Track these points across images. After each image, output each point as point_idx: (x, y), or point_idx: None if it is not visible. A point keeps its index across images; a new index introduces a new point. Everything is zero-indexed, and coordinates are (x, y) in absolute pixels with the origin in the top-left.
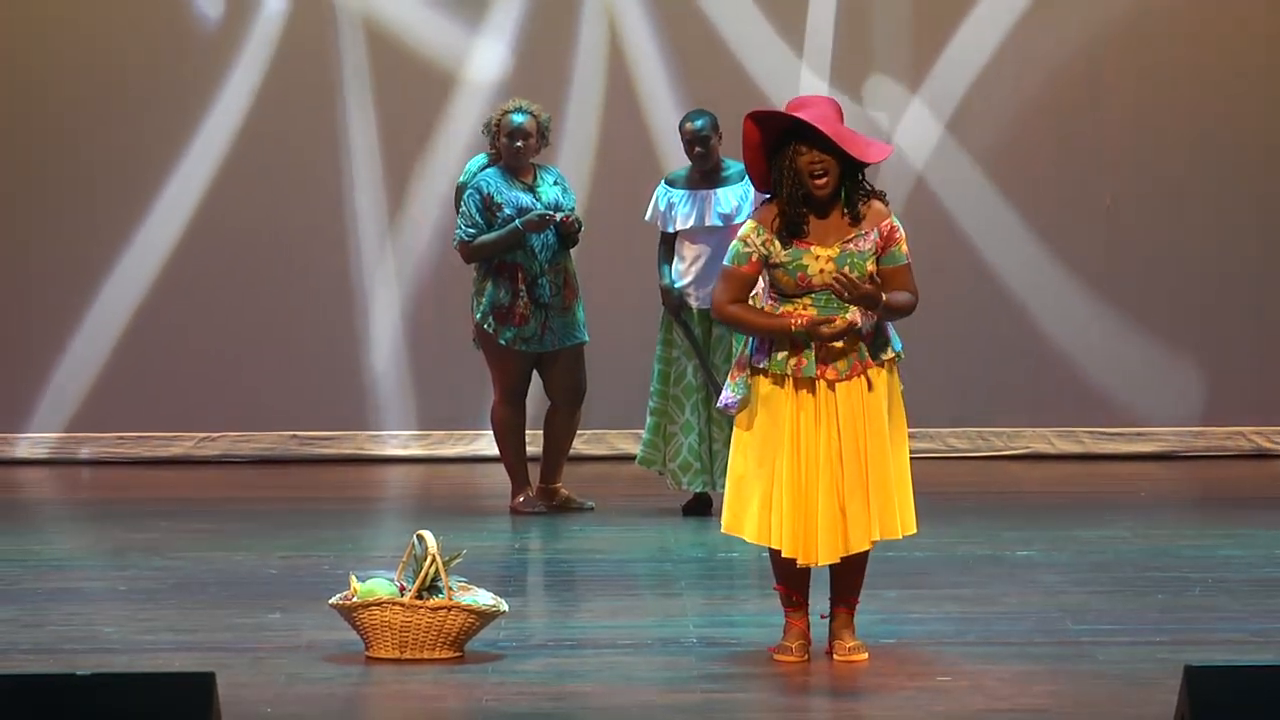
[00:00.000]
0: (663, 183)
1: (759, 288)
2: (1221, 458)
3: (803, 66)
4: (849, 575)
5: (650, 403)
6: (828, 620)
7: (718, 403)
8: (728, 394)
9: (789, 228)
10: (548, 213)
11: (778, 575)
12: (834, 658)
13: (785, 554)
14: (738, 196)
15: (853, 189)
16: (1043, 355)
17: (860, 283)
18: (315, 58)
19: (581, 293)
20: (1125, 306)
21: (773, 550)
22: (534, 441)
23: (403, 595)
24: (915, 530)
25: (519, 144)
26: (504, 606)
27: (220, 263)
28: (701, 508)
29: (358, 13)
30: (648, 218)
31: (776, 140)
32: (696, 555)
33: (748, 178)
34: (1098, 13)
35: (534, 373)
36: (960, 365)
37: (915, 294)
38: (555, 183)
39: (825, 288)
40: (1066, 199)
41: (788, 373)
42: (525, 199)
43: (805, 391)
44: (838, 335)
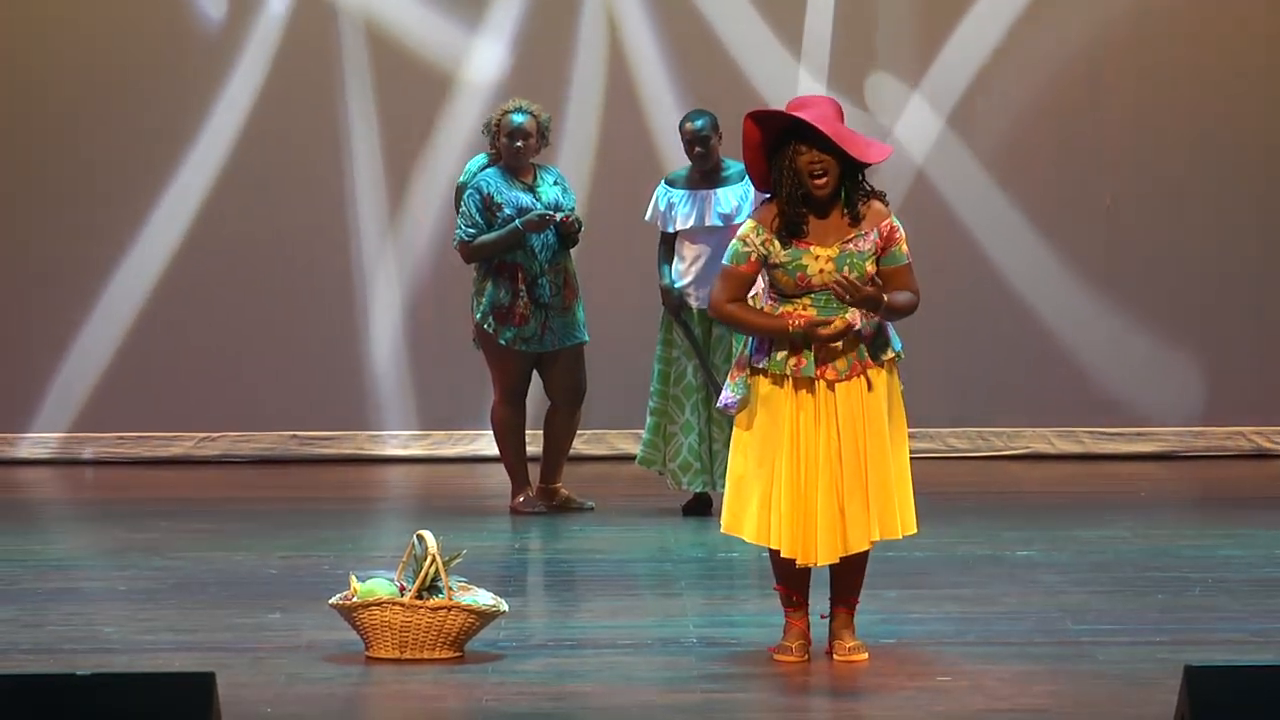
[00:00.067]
0: (663, 183)
1: (759, 288)
2: (1221, 458)
3: (801, 67)
4: (849, 575)
5: (650, 403)
6: (828, 620)
7: (718, 403)
8: (727, 394)
9: (788, 228)
10: (548, 213)
11: (777, 575)
12: (834, 658)
13: (785, 554)
14: (738, 196)
15: (853, 189)
16: (1043, 355)
17: (861, 285)
18: (316, 58)
19: (581, 293)
20: (1125, 306)
21: (772, 550)
22: (534, 441)
23: (403, 595)
24: (915, 530)
25: (519, 144)
26: (504, 606)
27: (221, 263)
28: (701, 508)
29: (359, 14)
30: (648, 218)
31: (776, 140)
32: (696, 555)
33: (748, 178)
34: (1098, 13)
35: (534, 373)
36: (960, 365)
37: (916, 294)
38: (555, 183)
39: (825, 288)
40: (1067, 199)
41: (787, 373)
42: (525, 199)
43: (805, 391)
44: (835, 336)
